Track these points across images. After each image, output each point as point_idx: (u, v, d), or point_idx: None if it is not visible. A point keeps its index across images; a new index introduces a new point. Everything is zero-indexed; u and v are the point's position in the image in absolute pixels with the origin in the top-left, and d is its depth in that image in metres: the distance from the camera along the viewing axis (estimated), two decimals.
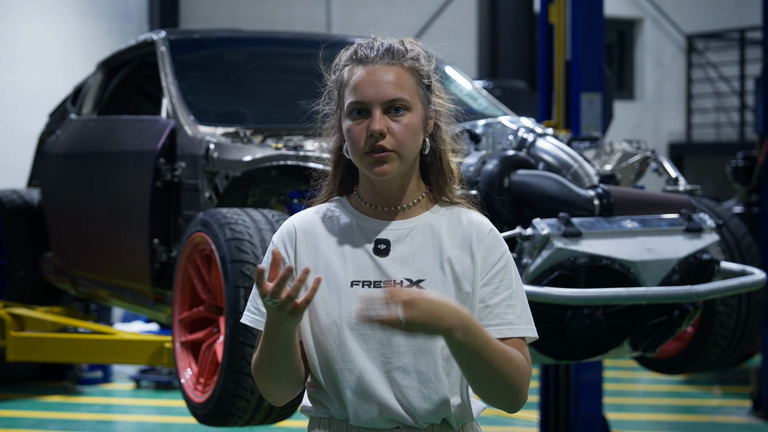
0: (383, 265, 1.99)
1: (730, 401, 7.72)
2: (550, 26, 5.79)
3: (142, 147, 4.77)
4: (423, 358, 1.97)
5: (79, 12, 11.02)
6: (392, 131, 1.97)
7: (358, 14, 12.80)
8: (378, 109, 1.97)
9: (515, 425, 7.02)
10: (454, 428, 2.02)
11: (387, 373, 1.98)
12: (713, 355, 4.60)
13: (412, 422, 1.99)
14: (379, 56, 1.99)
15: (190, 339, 4.11)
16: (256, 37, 5.76)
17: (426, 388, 1.98)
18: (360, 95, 1.97)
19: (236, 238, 3.76)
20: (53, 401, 7.68)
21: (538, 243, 3.69)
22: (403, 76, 1.99)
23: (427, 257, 2.01)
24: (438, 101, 2.07)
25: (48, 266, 5.89)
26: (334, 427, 2.02)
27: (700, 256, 3.88)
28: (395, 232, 2.03)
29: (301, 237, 2.04)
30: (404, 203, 2.04)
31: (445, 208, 2.06)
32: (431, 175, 2.07)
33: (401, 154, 1.98)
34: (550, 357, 3.90)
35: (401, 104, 1.98)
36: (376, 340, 1.98)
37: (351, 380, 1.98)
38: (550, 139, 4.16)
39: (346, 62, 2.03)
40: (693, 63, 14.54)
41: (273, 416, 3.88)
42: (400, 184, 2.03)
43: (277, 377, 1.99)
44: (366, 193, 2.06)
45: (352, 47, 2.03)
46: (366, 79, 1.98)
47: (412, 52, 2.03)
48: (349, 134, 2.00)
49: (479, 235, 2.02)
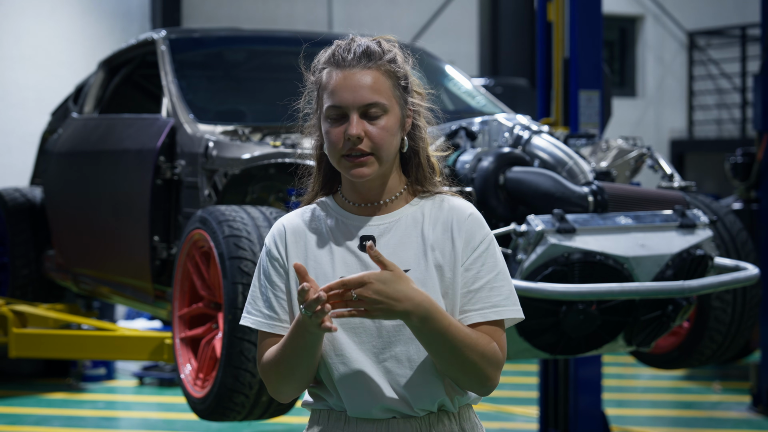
0: (367, 261, 2.03)
1: (729, 397, 7.75)
2: (548, 24, 5.82)
3: (143, 145, 4.82)
4: (414, 347, 2.01)
5: (82, 11, 11.07)
6: (369, 134, 2.02)
7: (359, 12, 12.84)
8: (355, 113, 2.01)
9: (515, 420, 7.05)
10: (451, 412, 2.06)
11: (380, 363, 2.02)
12: (709, 350, 4.64)
13: (408, 411, 2.02)
14: (356, 59, 2.03)
15: (190, 335, 4.16)
16: (255, 36, 5.81)
17: (419, 375, 2.02)
18: (337, 99, 2.02)
19: (234, 235, 3.80)
20: (57, 398, 7.72)
21: (533, 239, 3.73)
22: (380, 80, 2.03)
23: (410, 248, 2.05)
24: (415, 100, 2.10)
25: (50, 264, 5.95)
26: (333, 418, 2.06)
27: (693, 252, 3.92)
28: (379, 228, 2.07)
29: (291, 237, 2.08)
30: (385, 198, 2.09)
31: (426, 199, 2.11)
32: (410, 169, 2.11)
33: (379, 156, 2.03)
34: (545, 352, 3.94)
35: (378, 108, 2.02)
36: (366, 332, 2.02)
37: (345, 373, 2.02)
38: (546, 137, 4.20)
39: (324, 64, 2.06)
40: (694, 60, 14.57)
41: (271, 411, 3.93)
42: (380, 183, 2.08)
43: (292, 376, 2.03)
44: (348, 192, 2.10)
45: (330, 49, 2.07)
46: (343, 84, 2.02)
47: (389, 53, 2.06)
48: (327, 137, 2.05)
49: (459, 219, 2.06)
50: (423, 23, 13.13)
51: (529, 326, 3.84)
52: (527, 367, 8.38)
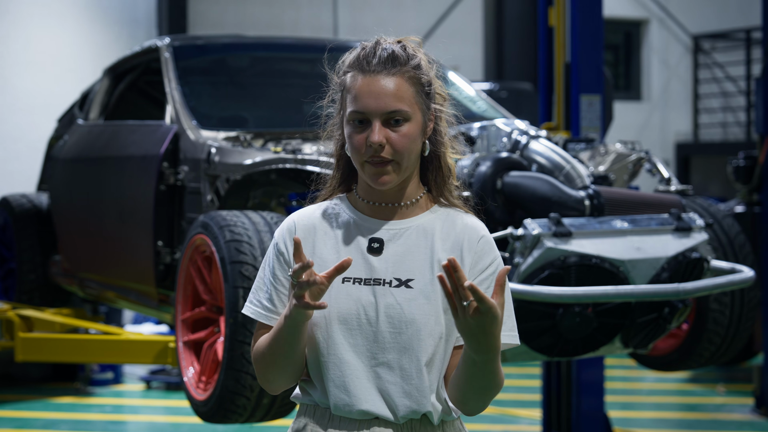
0: (374, 264, 2.06)
1: (733, 399, 7.78)
2: (549, 29, 5.87)
3: (146, 151, 4.88)
4: (406, 356, 2.04)
5: (89, 18, 11.16)
6: (391, 141, 2.03)
7: (364, 17, 12.90)
8: (377, 120, 2.03)
9: (519, 423, 7.10)
10: (433, 424, 2.08)
11: (372, 368, 2.05)
12: (707, 352, 4.67)
13: (390, 417, 2.05)
14: (381, 64, 2.04)
15: (193, 338, 4.21)
16: (257, 43, 5.85)
17: (408, 384, 2.05)
18: (360, 105, 2.03)
19: (235, 240, 3.86)
20: (64, 402, 7.79)
21: (530, 243, 3.77)
22: (403, 86, 2.04)
23: (418, 258, 2.07)
24: (437, 105, 2.10)
25: (56, 269, 6.01)
26: (318, 413, 2.10)
27: (689, 255, 3.96)
28: (390, 232, 2.09)
29: (300, 233, 2.10)
30: (402, 202, 2.11)
31: (442, 209, 2.12)
32: (429, 174, 2.12)
33: (400, 163, 2.04)
34: (543, 354, 3.98)
35: (400, 116, 2.04)
36: (362, 335, 2.05)
37: (334, 372, 2.06)
38: (543, 141, 4.25)
39: (349, 68, 2.08)
40: (699, 63, 14.60)
41: (272, 413, 3.97)
42: (400, 187, 2.10)
43: (279, 364, 2.07)
44: (364, 192, 2.12)
45: (356, 51, 2.08)
46: (367, 90, 2.03)
47: (414, 59, 2.07)
48: (350, 140, 2.07)
49: (471, 239, 2.08)
50: (428, 28, 13.19)
51: (526, 329, 3.88)
52: (531, 370, 8.42)
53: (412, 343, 2.04)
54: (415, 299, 2.05)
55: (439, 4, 13.28)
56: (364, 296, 2.05)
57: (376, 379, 2.05)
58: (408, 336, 2.04)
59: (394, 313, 2.04)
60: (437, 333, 2.06)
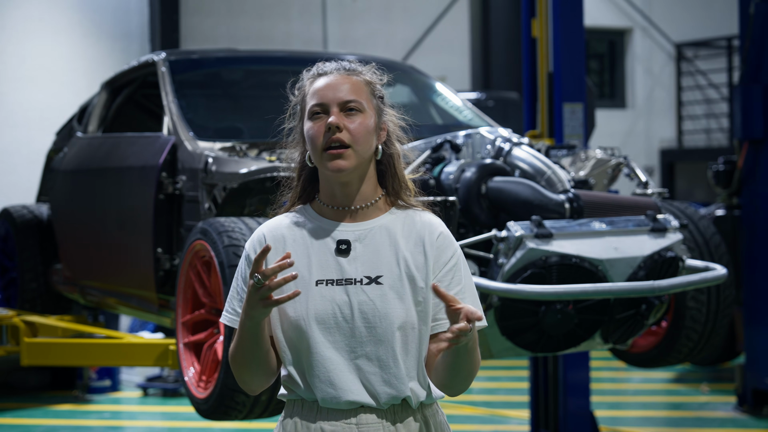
0: (344, 265, 2.24)
1: (716, 398, 7.96)
2: (533, 40, 6.04)
3: (145, 162, 5.04)
4: (382, 347, 2.22)
5: (83, 34, 11.32)
6: (348, 127, 2.23)
7: (354, 30, 13.07)
8: (335, 107, 2.24)
9: (509, 423, 7.26)
10: (412, 408, 2.26)
11: (352, 361, 2.23)
12: (686, 349, 4.84)
13: (374, 404, 2.23)
14: (337, 69, 2.28)
15: (193, 340, 4.38)
16: (250, 57, 5.99)
17: (386, 373, 2.23)
18: (319, 98, 2.25)
19: (233, 245, 4.03)
20: (64, 409, 7.88)
21: (512, 244, 3.96)
22: (358, 84, 2.27)
23: (384, 255, 2.25)
24: (390, 118, 2.33)
25: (58, 277, 6.13)
26: (306, 407, 2.27)
27: (664, 254, 4.15)
28: (355, 233, 2.27)
29: (270, 243, 2.24)
30: (362, 203, 2.28)
31: (401, 210, 2.31)
32: (386, 180, 2.32)
33: (356, 150, 2.23)
34: (527, 350, 4.16)
35: (355, 105, 2.24)
36: (340, 332, 2.22)
37: (318, 369, 2.22)
38: (526, 148, 4.43)
39: (308, 78, 2.31)
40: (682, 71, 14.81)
41: (270, 410, 4.14)
42: (357, 187, 2.28)
43: (248, 364, 2.24)
44: (327, 197, 2.30)
45: (314, 67, 2.32)
46: (325, 85, 2.25)
47: (367, 69, 2.32)
48: (309, 134, 2.26)
49: (431, 235, 2.27)
50: (416, 39, 13.37)
51: (510, 326, 4.07)
52: (519, 372, 8.59)
53: (387, 335, 2.22)
54: (386, 294, 2.22)
55: (426, 16, 13.46)
56: (338, 296, 2.22)
57: (357, 371, 2.22)
58: (382, 329, 2.21)
59: (368, 309, 2.22)
60: (408, 324, 2.23)
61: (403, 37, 13.23)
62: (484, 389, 8.65)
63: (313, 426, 2.24)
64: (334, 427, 2.22)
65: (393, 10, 13.38)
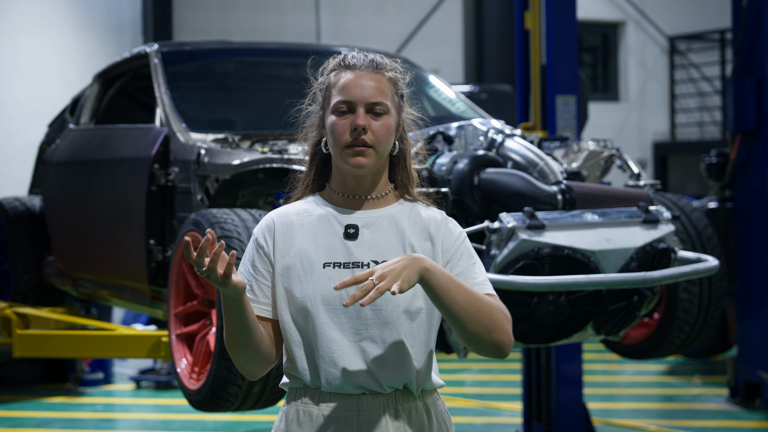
0: (352, 248, 2.27)
1: (708, 390, 7.99)
2: (526, 32, 6.05)
3: (138, 154, 5.04)
4: (388, 330, 2.24)
5: (76, 26, 11.30)
6: (372, 129, 2.27)
7: (347, 23, 13.07)
8: (362, 107, 2.27)
9: (502, 415, 7.28)
10: (414, 394, 2.28)
11: (357, 343, 2.25)
12: (678, 340, 4.86)
13: (377, 388, 2.25)
14: (365, 65, 2.31)
15: (185, 331, 4.38)
16: (243, 48, 6.00)
17: (391, 356, 2.24)
18: (347, 95, 2.27)
19: (226, 236, 4.03)
20: (56, 402, 7.88)
21: (505, 235, 3.97)
22: (384, 84, 2.30)
23: (391, 242, 2.29)
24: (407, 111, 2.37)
25: (50, 269, 6.14)
26: (308, 394, 2.29)
27: (656, 245, 4.16)
28: (363, 219, 2.31)
29: (279, 228, 2.31)
30: (372, 194, 2.32)
31: (407, 203, 2.36)
32: (397, 173, 2.36)
33: (377, 150, 2.27)
34: (520, 341, 4.17)
35: (381, 107, 2.28)
36: (346, 314, 2.25)
37: (324, 351, 2.25)
38: (518, 140, 4.44)
39: (334, 68, 2.33)
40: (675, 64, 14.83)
41: (263, 401, 4.15)
42: (372, 180, 2.33)
43: (239, 346, 2.26)
44: (338, 185, 2.34)
45: (341, 56, 2.34)
46: (353, 82, 2.28)
47: (392, 66, 2.35)
48: (333, 128, 2.29)
49: (436, 224, 2.32)
50: (409, 32, 13.37)
51: None
52: (512, 365, 8.61)
53: (392, 318, 2.24)
54: None
55: (419, 9, 13.46)
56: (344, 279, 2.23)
57: (362, 353, 2.24)
58: (388, 311, 2.24)
59: None
60: (415, 308, 2.26)
61: (396, 29, 13.24)
62: (477, 381, 8.68)
63: (315, 411, 2.26)
64: (336, 412, 2.24)
65: (386, 3, 13.38)
